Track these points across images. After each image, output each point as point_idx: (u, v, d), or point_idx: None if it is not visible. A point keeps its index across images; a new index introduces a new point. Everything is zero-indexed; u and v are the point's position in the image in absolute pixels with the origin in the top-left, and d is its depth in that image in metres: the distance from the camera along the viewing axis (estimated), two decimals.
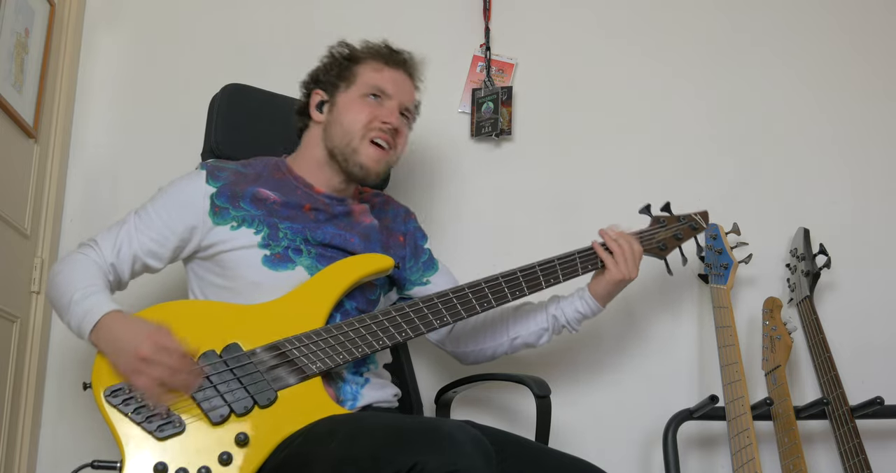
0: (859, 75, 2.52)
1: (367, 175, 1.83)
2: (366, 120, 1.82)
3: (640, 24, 2.54)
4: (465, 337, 1.98)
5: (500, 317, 1.96)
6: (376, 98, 1.85)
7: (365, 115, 1.82)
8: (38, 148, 2.21)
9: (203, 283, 1.80)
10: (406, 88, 1.90)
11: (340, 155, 1.83)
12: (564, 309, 1.92)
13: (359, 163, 1.82)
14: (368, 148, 1.82)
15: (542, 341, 1.95)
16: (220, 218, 1.77)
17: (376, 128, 1.82)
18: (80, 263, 1.71)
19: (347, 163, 1.82)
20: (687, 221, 2.06)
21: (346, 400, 1.69)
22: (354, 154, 1.82)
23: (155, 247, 1.77)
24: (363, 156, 1.82)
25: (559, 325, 1.93)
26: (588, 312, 1.91)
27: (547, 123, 2.47)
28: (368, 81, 1.86)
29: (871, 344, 2.32)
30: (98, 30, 2.45)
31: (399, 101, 1.86)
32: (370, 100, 1.85)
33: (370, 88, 1.85)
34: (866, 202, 2.43)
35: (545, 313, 1.93)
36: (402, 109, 1.87)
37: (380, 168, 1.84)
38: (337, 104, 1.86)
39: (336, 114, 1.85)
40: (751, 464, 1.95)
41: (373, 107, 1.84)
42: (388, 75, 1.87)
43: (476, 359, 2.00)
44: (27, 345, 2.15)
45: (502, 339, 1.95)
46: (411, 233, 1.99)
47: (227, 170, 1.82)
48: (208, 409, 1.54)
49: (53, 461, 2.18)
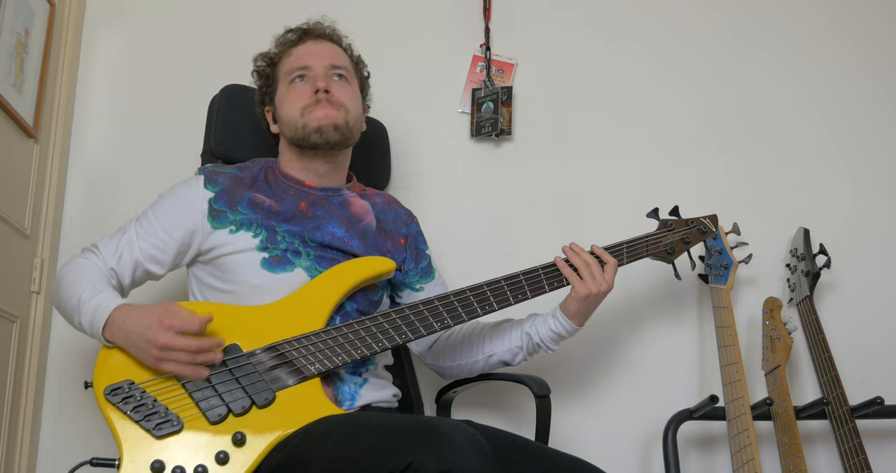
0: (859, 75, 2.52)
1: (328, 134, 1.82)
2: (299, 103, 1.84)
3: (640, 24, 2.54)
4: (443, 352, 1.96)
5: (478, 334, 1.93)
6: (301, 79, 1.87)
7: (297, 99, 1.85)
8: (38, 148, 2.22)
9: (203, 287, 1.81)
10: (323, 51, 1.90)
11: (298, 139, 1.84)
12: (538, 328, 1.87)
13: (312, 129, 1.82)
14: (311, 115, 1.82)
15: (518, 360, 1.90)
16: (219, 222, 1.77)
17: (311, 103, 1.83)
18: (83, 267, 1.72)
19: (306, 139, 1.83)
20: (695, 225, 2.03)
21: (344, 401, 1.69)
22: (305, 129, 1.83)
23: (156, 253, 1.77)
24: (311, 123, 1.82)
25: (533, 344, 1.87)
26: (562, 331, 1.85)
27: (547, 123, 2.47)
28: (287, 69, 1.89)
29: (871, 344, 2.32)
30: (98, 30, 2.45)
31: (321, 65, 1.87)
32: (296, 83, 1.87)
33: (290, 73, 1.88)
34: (866, 202, 2.43)
35: (520, 331, 1.89)
36: (327, 71, 1.87)
37: (337, 121, 1.83)
38: (276, 106, 1.90)
39: (280, 114, 1.89)
40: (751, 464, 1.95)
41: (300, 88, 1.86)
42: (299, 52, 1.90)
43: (454, 374, 1.97)
44: (27, 345, 2.15)
45: (478, 356, 1.91)
46: (413, 237, 1.98)
47: (224, 175, 1.83)
48: (206, 409, 1.54)
49: (53, 460, 2.18)
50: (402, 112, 2.37)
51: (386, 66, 2.19)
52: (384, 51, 2.35)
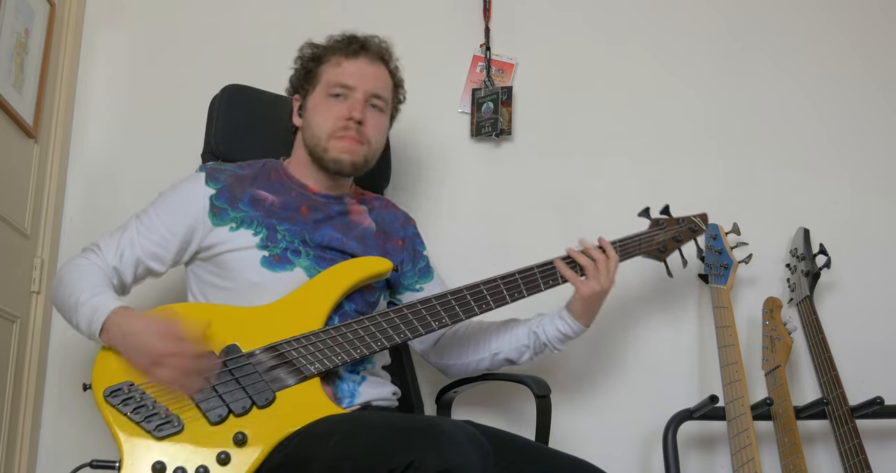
0: (857, 76, 2.52)
1: (343, 167, 1.83)
2: (330, 124, 1.82)
3: (640, 24, 2.54)
4: (448, 350, 1.96)
5: (484, 332, 1.94)
6: (340, 96, 1.84)
7: (329, 119, 1.83)
8: (38, 148, 2.22)
9: (202, 284, 1.81)
10: (370, 75, 1.87)
11: (316, 155, 1.84)
12: (545, 328, 1.88)
13: (331, 158, 1.83)
14: (337, 143, 1.82)
15: (524, 358, 1.91)
16: (219, 219, 1.77)
17: (341, 127, 1.82)
18: (83, 267, 1.72)
19: (322, 160, 1.84)
20: (686, 224, 2.06)
21: (343, 398, 1.69)
22: (325, 153, 1.83)
23: (157, 250, 1.78)
24: (333, 151, 1.82)
25: (540, 343, 1.89)
26: (569, 332, 1.87)
27: (547, 123, 2.47)
28: (330, 80, 1.86)
29: (871, 344, 2.32)
30: (98, 30, 2.45)
31: (364, 91, 1.84)
32: (334, 100, 1.84)
33: (332, 87, 1.85)
34: (866, 202, 2.43)
35: (527, 329, 1.90)
36: (368, 98, 1.85)
37: (355, 158, 1.83)
38: (307, 108, 1.88)
39: (307, 118, 1.87)
40: (751, 464, 1.95)
41: (336, 106, 1.83)
42: (348, 68, 1.86)
43: (458, 372, 1.98)
44: (27, 345, 2.15)
45: (484, 354, 1.92)
46: (410, 238, 1.99)
47: (225, 172, 1.84)
48: (207, 409, 1.54)
49: (53, 461, 2.18)
50: (402, 112, 2.36)
51: None
52: None
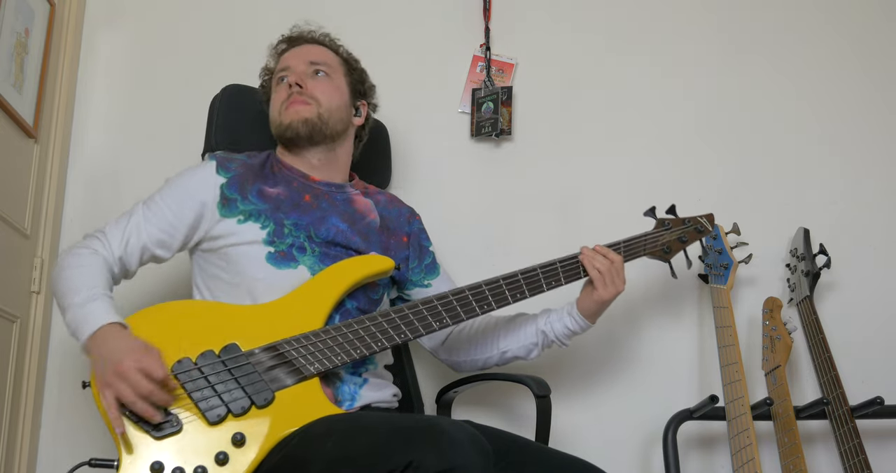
0: (856, 77, 2.52)
1: (298, 129, 1.87)
2: (279, 102, 1.91)
3: (640, 24, 2.54)
4: (457, 347, 1.98)
5: (493, 329, 1.95)
6: (284, 80, 1.92)
7: (277, 100, 1.91)
8: (38, 148, 2.22)
9: (206, 276, 1.81)
10: (302, 52, 1.96)
11: (278, 137, 1.91)
12: (554, 325, 1.90)
13: (286, 126, 1.88)
14: (286, 112, 1.88)
15: (533, 355, 1.93)
16: (228, 210, 1.78)
17: (285, 98, 1.89)
18: (86, 259, 1.70)
19: (282, 136, 1.89)
20: (692, 224, 2.04)
21: (343, 401, 1.69)
22: (282, 127, 1.89)
23: (164, 237, 1.78)
24: (286, 120, 1.88)
25: (548, 340, 1.91)
26: (578, 329, 1.89)
27: (547, 123, 2.47)
28: (276, 72, 1.97)
29: (871, 344, 2.32)
30: (98, 30, 2.45)
31: (298, 62, 1.92)
32: (279, 85, 1.93)
33: (277, 76, 1.95)
34: (866, 202, 2.43)
35: (535, 328, 1.91)
36: (306, 67, 1.91)
37: (307, 116, 1.87)
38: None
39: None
40: (751, 464, 1.95)
41: (280, 88, 1.92)
42: (286, 56, 1.97)
43: (468, 369, 1.99)
44: (27, 345, 2.15)
45: (492, 352, 1.94)
46: (415, 234, 1.99)
47: (236, 162, 1.85)
48: (206, 409, 1.54)
49: (53, 460, 2.18)
50: (403, 112, 2.37)
51: (386, 65, 2.19)
52: (384, 51, 2.35)
